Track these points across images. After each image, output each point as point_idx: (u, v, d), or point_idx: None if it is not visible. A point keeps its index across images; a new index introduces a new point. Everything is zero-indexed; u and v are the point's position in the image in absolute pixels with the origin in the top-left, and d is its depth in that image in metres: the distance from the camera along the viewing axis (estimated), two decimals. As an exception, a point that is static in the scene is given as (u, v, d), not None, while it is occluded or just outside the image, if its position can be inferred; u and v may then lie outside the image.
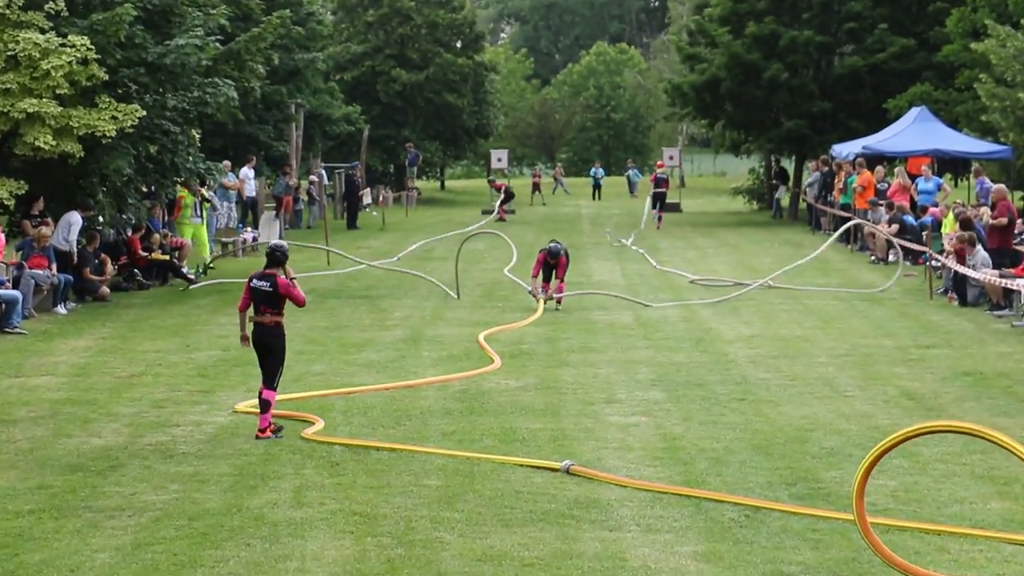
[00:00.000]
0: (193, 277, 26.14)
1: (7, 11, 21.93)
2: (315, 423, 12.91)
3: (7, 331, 19.25)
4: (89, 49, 21.72)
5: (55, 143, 21.70)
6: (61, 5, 22.35)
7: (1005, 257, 22.17)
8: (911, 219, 28.68)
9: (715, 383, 15.17)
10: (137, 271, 25.24)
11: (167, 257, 26.11)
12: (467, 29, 63.28)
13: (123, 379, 15.75)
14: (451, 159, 70.18)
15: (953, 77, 39.39)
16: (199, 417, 13.53)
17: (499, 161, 53.77)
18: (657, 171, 45.96)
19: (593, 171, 64.74)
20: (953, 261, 22.12)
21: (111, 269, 24.13)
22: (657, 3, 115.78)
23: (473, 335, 18.81)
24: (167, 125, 24.16)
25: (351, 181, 42.87)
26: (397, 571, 8.62)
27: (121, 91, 23.32)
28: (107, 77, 22.29)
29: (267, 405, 12.56)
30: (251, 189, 36.99)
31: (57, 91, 21.70)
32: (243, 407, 13.79)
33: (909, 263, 26.75)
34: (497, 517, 9.83)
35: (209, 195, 32.08)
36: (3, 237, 21.41)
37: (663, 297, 23.35)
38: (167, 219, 28.28)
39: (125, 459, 11.73)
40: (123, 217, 26.12)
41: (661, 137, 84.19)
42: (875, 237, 29.16)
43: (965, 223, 22.84)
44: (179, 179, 26.38)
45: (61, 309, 21.64)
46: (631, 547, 9.11)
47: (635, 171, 68.90)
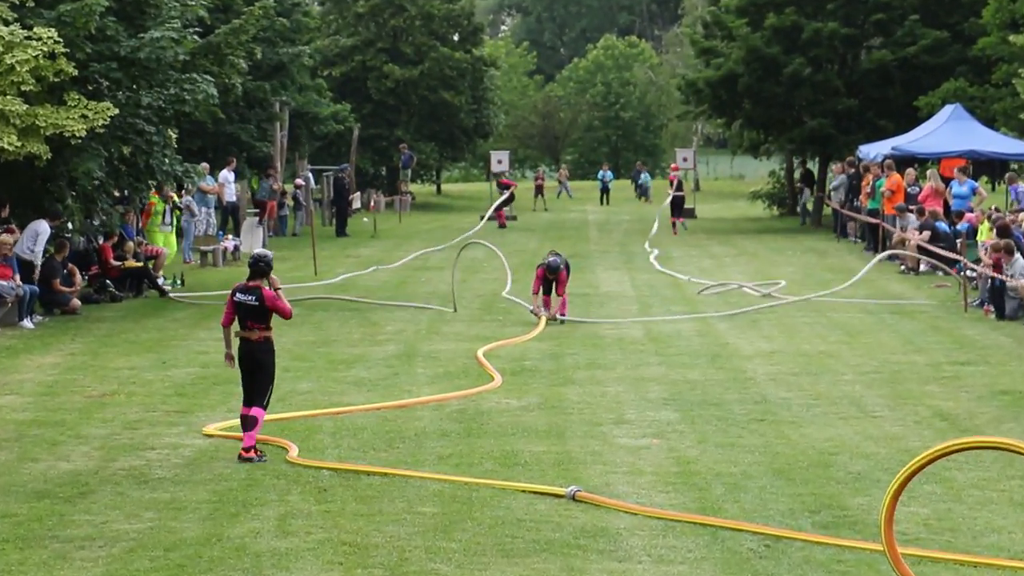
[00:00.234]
0: (168, 288, 26.17)
1: (-32, 2, 22.01)
2: (288, 449, 12.86)
3: (-32, 347, 19.27)
4: (57, 42, 21.74)
5: (20, 144, 21.72)
6: (27, -6, 22.44)
7: (1046, 267, 22.18)
8: (944, 226, 28.69)
9: (732, 402, 15.17)
10: (109, 282, 25.25)
11: (141, 264, 26.13)
12: (465, 21, 63.38)
13: (94, 398, 15.75)
14: (448, 161, 70.26)
15: (990, 72, 39.44)
16: (176, 439, 13.53)
17: (499, 163, 53.74)
18: (675, 173, 46.07)
19: (601, 174, 64.80)
20: (990, 271, 22.13)
21: (81, 280, 24.15)
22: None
23: (471, 351, 18.81)
24: (141, 124, 24.20)
25: (340, 185, 42.91)
26: (389, 605, 8.62)
27: (92, 88, 23.35)
28: (76, 73, 22.32)
29: (254, 422, 12.55)
30: (231, 193, 37.03)
31: (22, 88, 21.71)
32: (213, 429, 13.78)
33: (942, 273, 26.76)
34: (497, 547, 9.83)
35: (186, 200, 32.15)
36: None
37: (676, 310, 23.36)
38: (141, 226, 28.34)
39: (96, 485, 11.73)
40: (94, 224, 26.15)
41: (674, 137, 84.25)
42: (905, 245, 29.15)
43: (1002, 230, 22.84)
44: (154, 183, 26.43)
45: (27, 323, 21.65)
46: (642, 579, 9.11)
47: (646, 174, 68.98)
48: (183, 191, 32.01)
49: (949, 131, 35.19)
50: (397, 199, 52.95)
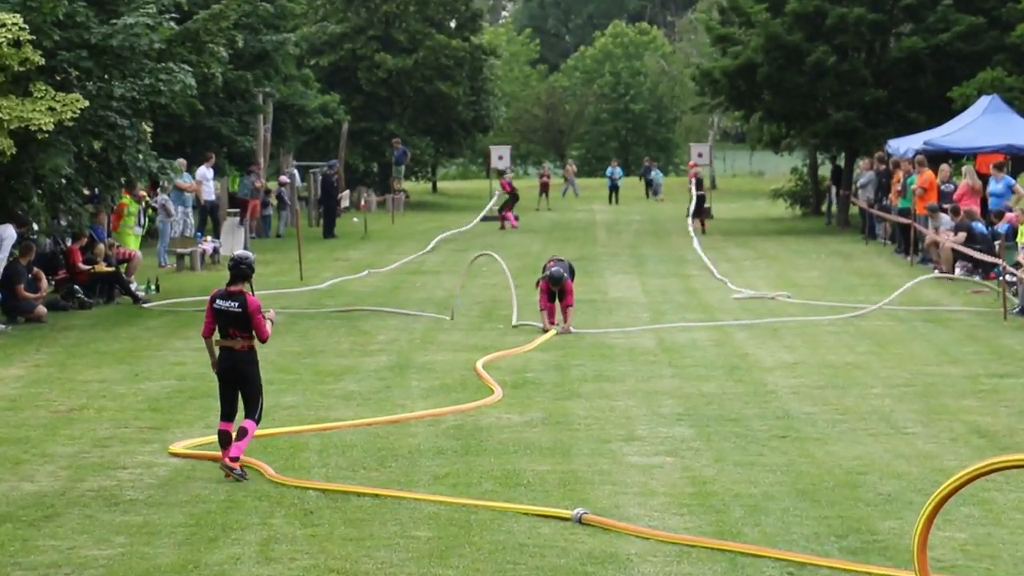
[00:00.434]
0: (142, 294, 26.17)
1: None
2: (263, 471, 12.78)
3: (-74, 357, 19.26)
4: (22, 29, 21.75)
5: (-18, 139, 21.74)
6: (-11, -22, 22.45)
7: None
8: (981, 226, 28.66)
9: (752, 418, 15.16)
10: (78, 287, 25.25)
11: (112, 269, 26.12)
12: (463, 6, 63.52)
13: (61, 414, 15.73)
14: (444, 157, 70.39)
15: (1029, 61, 39.50)
16: (149, 458, 13.51)
17: (500, 159, 53.83)
18: (695, 170, 46.13)
19: (610, 171, 64.91)
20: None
21: (47, 285, 24.13)
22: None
23: (470, 361, 18.81)
24: (113, 117, 24.19)
25: (328, 182, 42.97)
26: (380, 638, 8.58)
27: (60, 78, 23.35)
28: (43, 62, 22.33)
29: (244, 433, 12.56)
30: (210, 192, 37.06)
31: (-16, 78, 21.76)
32: (181, 448, 13.72)
33: (979, 278, 26.72)
34: (498, 574, 9.80)
35: (162, 199, 32.15)
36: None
37: (691, 317, 23.35)
38: (112, 228, 28.34)
39: (62, 507, 11.71)
40: (61, 224, 26.14)
41: (688, 132, 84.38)
42: (939, 247, 29.14)
43: (1044, 231, 22.83)
44: (127, 180, 26.42)
45: (-11, 332, 21.66)
46: (655, 610, 9.08)
47: (658, 170, 69.07)
48: (158, 189, 32.01)
49: (985, 124, 35.18)
50: (390, 198, 52.99)
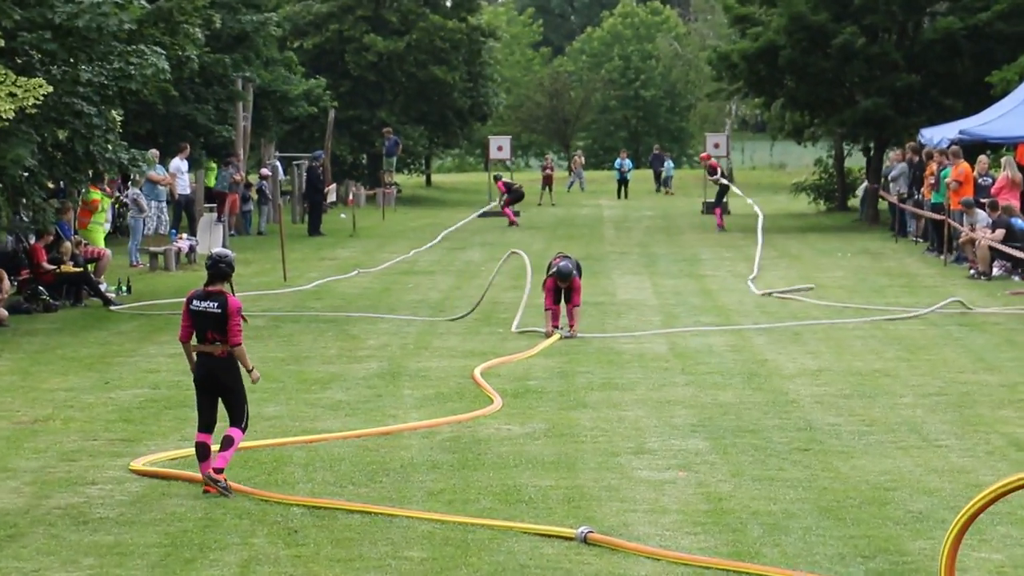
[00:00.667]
0: (112, 296, 26.21)
1: None
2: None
3: None
4: (-19, 8, 21.81)
5: (-62, 127, 21.79)
6: (-56, -47, 22.50)
7: None
8: (1021, 223, 28.70)
9: (772, 429, 15.18)
10: (42, 288, 25.28)
11: (80, 269, 26.17)
12: (460, -16, 63.60)
13: (24, 425, 15.75)
14: (439, 148, 70.40)
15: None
16: (120, 473, 13.52)
17: (499, 150, 53.86)
18: (713, 160, 46.15)
19: (618, 162, 64.89)
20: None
21: (8, 286, 24.16)
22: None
23: (467, 368, 18.83)
24: (80, 104, 24.23)
25: (313, 175, 43.01)
26: (370, 666, 8.63)
27: (21, 61, 23.38)
28: (3, 43, 22.35)
29: (230, 442, 12.58)
30: (185, 185, 37.12)
31: (-60, 62, 21.80)
32: (140, 464, 13.67)
33: (1018, 278, 26.76)
34: (497, 598, 9.85)
35: (133, 193, 32.20)
36: None
37: (705, 321, 23.39)
38: (79, 225, 28.36)
39: (26, 526, 11.73)
40: (24, 221, 26.17)
41: (703, 120, 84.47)
42: (975, 246, 29.19)
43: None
44: (95, 172, 26.44)
45: (-54, 337, 21.70)
46: (666, 636, 9.13)
47: (670, 162, 69.08)
48: (129, 182, 32.05)
49: (1027, 112, 35.21)
50: (380, 192, 53.02)
